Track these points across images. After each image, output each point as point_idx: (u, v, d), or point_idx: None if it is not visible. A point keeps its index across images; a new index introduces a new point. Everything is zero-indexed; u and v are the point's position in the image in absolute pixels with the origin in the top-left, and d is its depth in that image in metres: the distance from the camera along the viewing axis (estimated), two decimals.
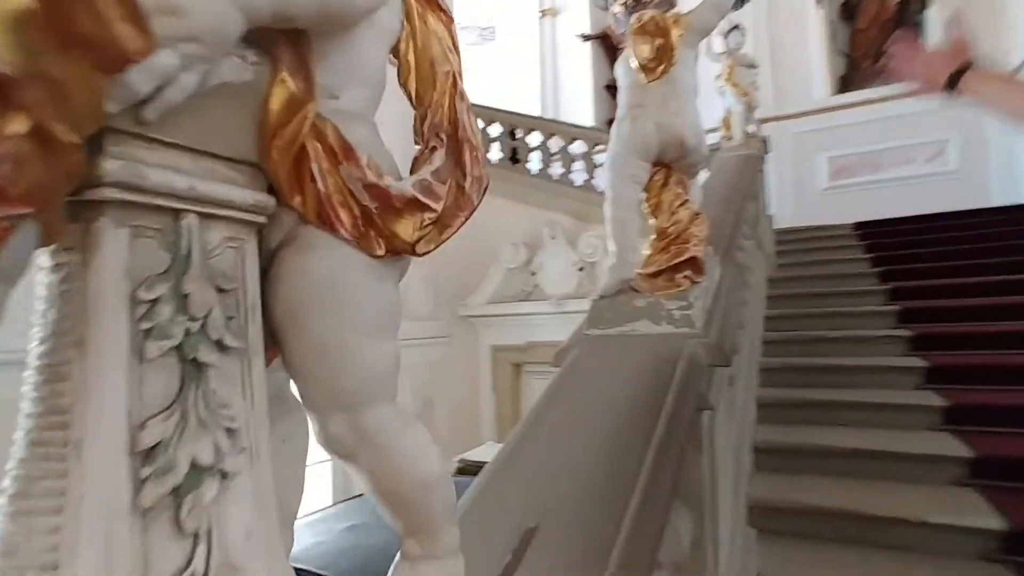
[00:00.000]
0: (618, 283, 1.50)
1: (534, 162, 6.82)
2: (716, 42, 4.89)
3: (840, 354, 3.11)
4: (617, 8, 1.48)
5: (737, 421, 2.07)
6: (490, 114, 7.18)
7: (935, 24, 7.70)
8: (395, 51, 0.70)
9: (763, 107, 8.35)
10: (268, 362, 0.57)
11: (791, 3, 8.39)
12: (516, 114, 7.23)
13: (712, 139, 5.97)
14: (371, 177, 0.60)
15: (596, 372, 1.21)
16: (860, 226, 5.14)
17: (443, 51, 0.72)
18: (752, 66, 4.54)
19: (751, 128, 5.44)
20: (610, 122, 6.78)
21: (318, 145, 0.57)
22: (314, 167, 0.56)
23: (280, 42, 0.54)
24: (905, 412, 2.46)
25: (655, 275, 1.43)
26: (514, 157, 6.96)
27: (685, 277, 1.41)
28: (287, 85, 0.54)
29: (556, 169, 6.66)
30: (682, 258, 1.40)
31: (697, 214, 1.49)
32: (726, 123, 4.57)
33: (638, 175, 1.52)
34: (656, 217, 1.56)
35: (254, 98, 0.52)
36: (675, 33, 1.39)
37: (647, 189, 1.57)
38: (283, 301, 0.57)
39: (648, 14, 1.37)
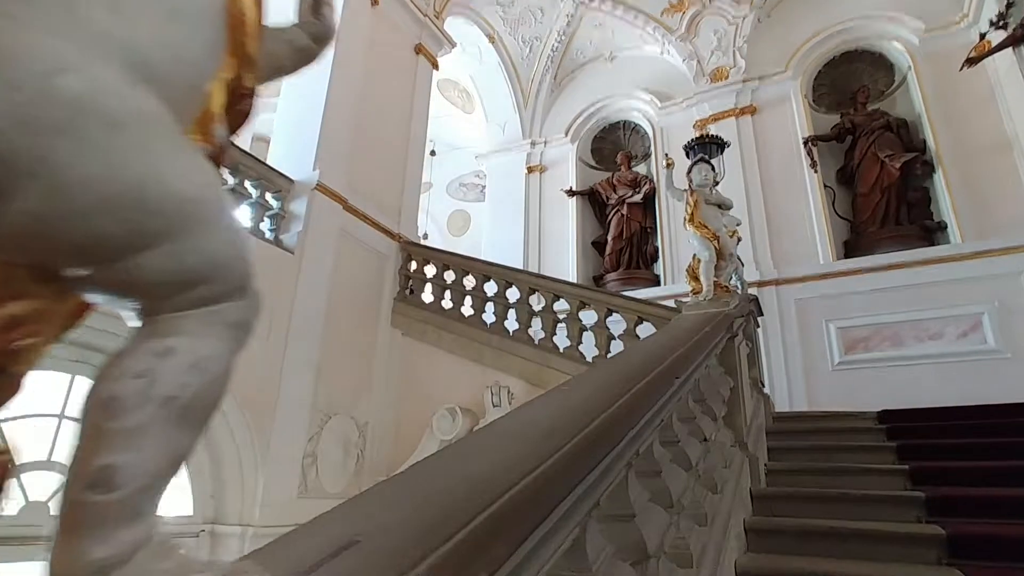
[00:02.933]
0: None
1: (488, 313, 5.75)
2: (679, 178, 4.00)
3: None
4: None
5: None
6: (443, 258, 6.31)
7: (942, 189, 6.94)
8: None
9: (762, 270, 7.43)
10: None
11: (785, 165, 7.78)
12: (474, 259, 6.35)
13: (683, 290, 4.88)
14: None
15: None
16: (886, 416, 3.74)
17: None
18: (723, 206, 3.55)
19: (733, 282, 4.35)
20: (595, 278, 5.73)
21: None
22: None
23: None
24: None
25: None
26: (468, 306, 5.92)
27: None
28: None
29: (513, 323, 5.55)
30: None
31: None
32: (690, 272, 3.47)
33: None
34: None
35: None
36: None
37: None
38: None
39: None
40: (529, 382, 5.13)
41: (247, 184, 5.13)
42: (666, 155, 4.09)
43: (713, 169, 3.68)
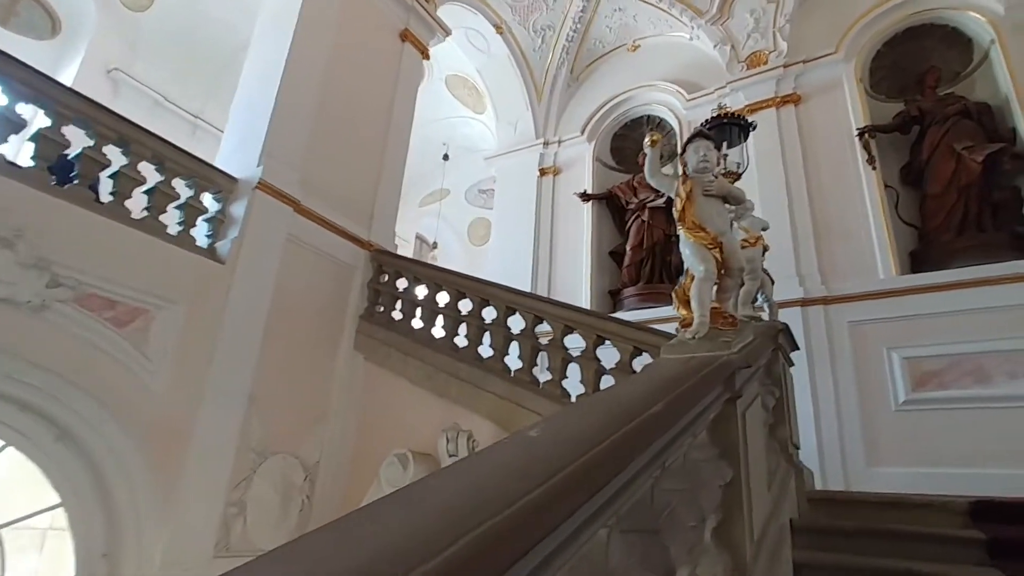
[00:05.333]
0: None
1: (461, 336, 4.72)
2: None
3: None
4: None
5: None
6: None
7: None
8: None
9: (807, 286, 6.07)
10: None
11: (835, 160, 6.43)
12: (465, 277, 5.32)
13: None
14: None
15: None
16: (983, 511, 2.47)
17: None
18: (730, 199, 2.42)
19: (759, 303, 3.18)
20: (611, 293, 4.68)
21: None
22: None
23: None
24: None
25: None
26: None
27: None
28: None
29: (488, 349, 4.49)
30: None
31: None
32: (679, 295, 2.36)
33: None
34: None
35: None
36: None
37: None
38: None
39: None
40: (499, 424, 4.06)
41: (177, 183, 4.32)
42: (650, 131, 3.00)
43: (717, 149, 2.56)
